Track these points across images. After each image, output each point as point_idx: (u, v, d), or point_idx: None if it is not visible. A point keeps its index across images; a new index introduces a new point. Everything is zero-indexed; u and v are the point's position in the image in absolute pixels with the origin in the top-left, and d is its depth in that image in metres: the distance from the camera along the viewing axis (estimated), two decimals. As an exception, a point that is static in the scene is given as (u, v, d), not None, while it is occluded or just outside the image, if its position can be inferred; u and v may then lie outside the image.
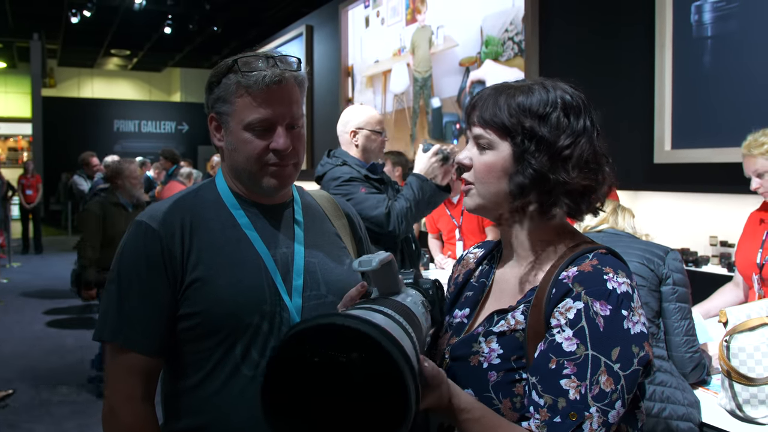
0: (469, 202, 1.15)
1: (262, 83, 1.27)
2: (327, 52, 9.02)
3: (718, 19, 3.78)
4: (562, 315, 1.01)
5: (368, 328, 0.75)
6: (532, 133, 1.07)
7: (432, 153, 2.65)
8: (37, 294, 8.45)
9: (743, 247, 2.67)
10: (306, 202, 1.49)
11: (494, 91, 1.12)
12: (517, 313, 1.08)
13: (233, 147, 1.33)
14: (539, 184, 1.07)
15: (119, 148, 16.40)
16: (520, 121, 1.07)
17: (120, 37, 14.99)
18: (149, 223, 1.31)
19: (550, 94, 1.09)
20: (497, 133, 1.09)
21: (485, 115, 1.10)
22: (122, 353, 1.28)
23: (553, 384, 0.98)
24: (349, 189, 2.61)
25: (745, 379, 1.68)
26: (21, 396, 4.69)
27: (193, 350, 1.30)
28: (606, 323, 0.99)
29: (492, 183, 1.10)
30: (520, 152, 1.07)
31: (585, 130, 1.09)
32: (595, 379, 0.96)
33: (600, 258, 1.06)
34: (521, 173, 1.07)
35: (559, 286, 1.04)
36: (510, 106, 1.09)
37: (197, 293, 1.28)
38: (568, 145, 1.07)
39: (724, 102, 3.72)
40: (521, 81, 1.15)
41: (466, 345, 1.11)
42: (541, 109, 1.08)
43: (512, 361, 1.05)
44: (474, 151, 1.13)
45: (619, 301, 1.00)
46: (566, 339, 0.99)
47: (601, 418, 0.95)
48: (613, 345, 0.98)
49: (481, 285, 1.23)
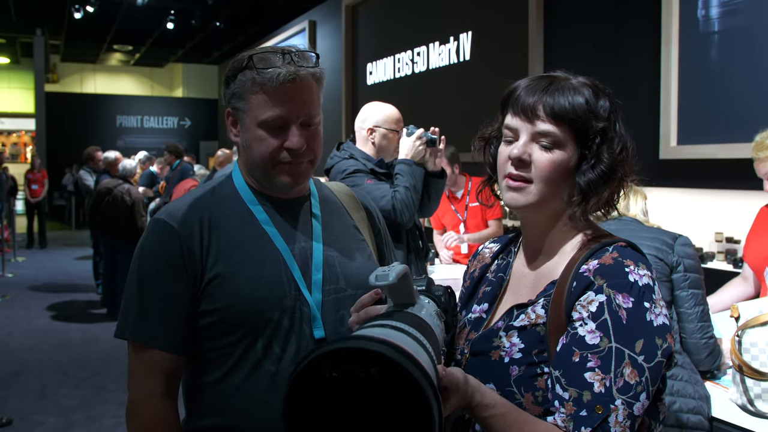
0: (523, 199, 1.11)
1: (277, 81, 1.25)
2: (330, 48, 9.01)
3: (725, 14, 3.77)
4: (584, 308, 1.02)
5: (385, 349, 0.76)
6: (605, 133, 1.09)
7: (416, 137, 2.71)
8: (42, 288, 8.48)
9: (754, 241, 2.66)
10: (324, 195, 1.49)
11: (552, 86, 1.10)
12: (537, 307, 1.09)
13: (248, 144, 1.33)
14: (607, 179, 1.09)
15: (122, 144, 16.42)
16: (594, 121, 1.09)
17: (122, 32, 14.98)
18: (168, 221, 1.31)
19: (602, 93, 1.12)
20: (569, 131, 1.09)
21: (559, 110, 1.08)
22: (144, 351, 1.29)
23: (577, 377, 0.98)
24: (354, 180, 2.64)
25: (757, 374, 1.68)
26: (29, 388, 4.72)
27: (214, 346, 1.30)
28: (629, 316, 0.99)
29: (556, 181, 1.09)
30: (593, 152, 1.09)
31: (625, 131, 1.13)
32: (620, 371, 0.96)
33: (620, 251, 1.06)
34: (592, 171, 1.09)
35: (580, 279, 1.04)
36: (587, 103, 1.09)
37: (217, 290, 1.28)
38: (625, 145, 1.11)
39: (731, 97, 3.72)
40: (560, 73, 1.15)
41: (486, 340, 1.12)
42: (604, 113, 1.10)
43: (534, 355, 1.06)
44: (533, 147, 1.10)
45: (641, 293, 1.01)
46: (589, 332, 1.00)
47: (626, 410, 0.95)
48: (637, 337, 0.98)
49: (498, 279, 1.23)
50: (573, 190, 1.10)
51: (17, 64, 19.21)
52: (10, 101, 19.47)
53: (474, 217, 4.48)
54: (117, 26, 14.23)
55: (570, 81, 1.12)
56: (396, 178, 2.69)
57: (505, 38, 5.67)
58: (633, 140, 1.14)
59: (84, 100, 18.10)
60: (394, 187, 2.66)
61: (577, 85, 1.11)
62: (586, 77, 1.14)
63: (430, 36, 6.76)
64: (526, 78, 1.15)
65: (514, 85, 1.14)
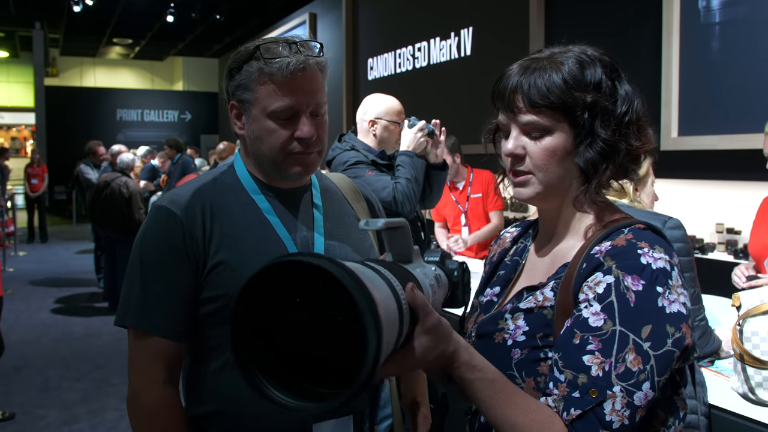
0: (528, 191, 1.07)
1: (286, 71, 1.25)
2: (331, 40, 8.99)
3: (726, 5, 3.76)
4: (590, 289, 0.96)
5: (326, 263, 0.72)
6: (594, 107, 1.02)
7: (417, 128, 2.72)
8: (43, 282, 8.49)
9: (757, 231, 2.67)
10: (324, 185, 1.49)
11: (530, 70, 1.04)
12: (547, 289, 1.05)
13: (256, 135, 1.32)
14: (611, 155, 1.02)
15: (122, 137, 16.37)
16: (579, 97, 1.01)
17: (122, 25, 14.95)
18: (170, 207, 1.30)
19: (589, 61, 1.04)
20: (554, 115, 1.02)
21: (535, 97, 1.02)
22: (145, 338, 1.29)
23: (574, 359, 0.93)
24: (355, 172, 2.64)
25: (758, 363, 1.69)
26: (31, 382, 4.73)
27: (215, 334, 1.30)
28: (637, 299, 0.93)
29: (555, 168, 1.04)
30: (586, 129, 1.02)
31: (633, 91, 1.06)
32: (622, 356, 0.90)
33: (636, 232, 1.00)
34: (590, 149, 1.02)
35: (590, 261, 0.99)
36: (564, 81, 1.01)
37: (220, 276, 1.28)
38: (627, 111, 1.03)
39: (732, 89, 3.71)
40: (545, 52, 1.08)
41: (492, 322, 1.09)
42: (593, 78, 1.03)
43: (538, 339, 1.02)
44: (524, 139, 1.05)
45: (653, 276, 0.94)
46: (593, 314, 0.94)
47: (625, 398, 0.89)
48: (644, 322, 0.92)
49: (513, 263, 1.20)
50: (576, 173, 1.05)
51: (16, 58, 19.18)
52: (9, 95, 19.45)
53: (475, 208, 4.47)
54: (116, 19, 14.19)
55: (554, 57, 1.05)
56: (397, 169, 2.70)
57: (506, 33, 5.66)
58: (642, 98, 1.06)
59: (84, 93, 18.06)
60: (395, 179, 2.66)
61: (560, 61, 1.04)
62: (581, 45, 1.08)
63: (431, 30, 6.75)
64: (513, 65, 1.09)
65: (497, 76, 1.09)
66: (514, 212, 5.83)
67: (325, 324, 0.77)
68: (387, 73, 7.64)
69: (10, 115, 19.76)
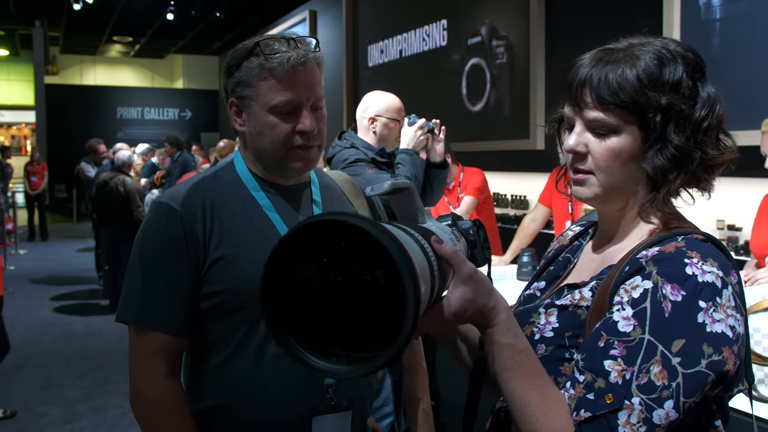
0: (587, 192, 1.00)
1: (287, 65, 1.27)
2: (331, 37, 8.98)
3: (726, 2, 3.75)
4: (626, 293, 0.89)
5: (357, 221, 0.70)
6: (668, 109, 0.93)
7: (417, 126, 2.71)
8: (44, 280, 8.50)
9: (758, 229, 2.67)
10: (324, 182, 1.50)
11: (602, 62, 0.96)
12: (586, 289, 0.99)
13: (257, 131, 1.33)
14: (683, 163, 0.94)
15: (122, 135, 16.36)
16: (653, 98, 0.92)
17: (122, 23, 14.94)
18: (170, 203, 1.31)
19: (670, 57, 0.95)
20: (623, 114, 0.94)
21: (605, 94, 0.94)
22: (146, 334, 1.29)
23: (596, 362, 0.87)
24: (355, 170, 2.64)
25: (759, 359, 1.69)
26: (32, 380, 4.74)
27: (217, 329, 1.31)
28: (674, 309, 0.85)
29: (619, 170, 0.96)
30: (657, 133, 0.93)
31: (716, 93, 0.97)
32: (646, 367, 0.83)
33: (690, 241, 0.92)
34: (660, 154, 0.94)
35: (633, 264, 0.91)
36: (638, 79, 0.93)
37: (220, 272, 1.29)
38: (706, 116, 0.95)
39: (732, 85, 3.70)
40: (623, 43, 1.00)
41: (525, 314, 1.03)
42: (672, 78, 0.94)
43: (566, 338, 0.96)
44: (588, 136, 0.98)
45: (697, 288, 0.85)
46: (624, 318, 0.87)
47: (643, 413, 0.81)
48: (677, 335, 0.84)
49: (565, 260, 1.15)
50: (641, 177, 0.97)
51: (16, 56, 19.18)
52: (9, 93, 19.45)
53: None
54: (117, 17, 14.19)
55: (632, 50, 0.96)
56: (397, 167, 2.70)
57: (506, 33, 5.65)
58: (723, 103, 0.97)
59: (84, 92, 18.07)
60: (395, 177, 2.66)
61: (637, 55, 0.95)
62: (664, 39, 0.98)
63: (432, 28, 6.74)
64: (586, 54, 1.01)
65: (569, 64, 1.01)
66: (514, 209, 5.82)
67: (355, 286, 0.75)
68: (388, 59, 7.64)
69: (11, 114, 19.77)
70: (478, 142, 5.99)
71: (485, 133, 5.96)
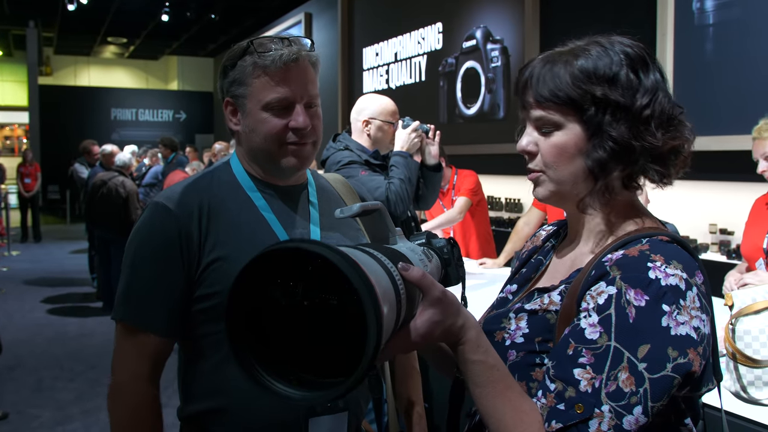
0: (542, 191, 1.02)
1: (280, 62, 1.28)
2: (326, 40, 9.00)
3: (719, 7, 3.78)
4: (592, 299, 0.90)
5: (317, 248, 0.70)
6: (605, 101, 0.94)
7: (411, 129, 2.72)
8: (36, 282, 8.46)
9: (749, 232, 2.69)
10: (320, 184, 1.50)
11: (545, 63, 0.99)
12: (555, 293, 1.00)
13: (251, 128, 1.34)
14: (623, 155, 0.94)
15: (116, 137, 16.33)
16: (588, 91, 0.94)
17: (116, 24, 14.92)
18: (166, 204, 1.31)
19: (610, 52, 0.96)
20: (562, 110, 0.96)
21: (543, 92, 0.97)
22: (135, 333, 1.29)
23: (566, 370, 0.87)
24: (349, 172, 2.64)
25: (750, 361, 1.70)
26: (24, 382, 4.72)
27: (211, 331, 1.31)
28: (638, 315, 0.85)
29: (566, 166, 0.98)
30: (595, 125, 0.94)
31: (658, 83, 0.97)
32: (614, 374, 0.84)
33: (654, 244, 0.92)
34: (600, 147, 0.95)
35: (599, 268, 0.92)
36: (573, 75, 0.95)
37: (215, 273, 1.28)
38: (646, 104, 0.94)
39: (725, 90, 3.73)
40: (569, 45, 1.02)
41: (496, 320, 1.04)
42: (608, 71, 0.95)
43: (536, 343, 0.97)
44: (536, 135, 1.00)
45: (660, 293, 0.86)
46: (590, 325, 0.88)
47: (613, 420, 0.83)
48: (642, 341, 0.84)
49: (537, 263, 1.15)
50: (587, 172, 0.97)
51: (10, 57, 19.12)
52: (3, 94, 19.37)
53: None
54: (111, 18, 14.16)
55: (574, 51, 0.99)
56: (391, 170, 2.70)
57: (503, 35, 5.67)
58: (666, 92, 0.97)
59: (78, 93, 18.01)
60: (389, 179, 2.67)
61: (576, 54, 0.97)
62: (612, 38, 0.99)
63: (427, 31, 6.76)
64: (535, 58, 1.04)
65: (520, 69, 1.04)
66: (509, 212, 5.84)
67: (321, 310, 0.76)
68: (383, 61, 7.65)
69: (4, 114, 19.68)
70: (472, 145, 6.01)
71: (480, 137, 5.98)
